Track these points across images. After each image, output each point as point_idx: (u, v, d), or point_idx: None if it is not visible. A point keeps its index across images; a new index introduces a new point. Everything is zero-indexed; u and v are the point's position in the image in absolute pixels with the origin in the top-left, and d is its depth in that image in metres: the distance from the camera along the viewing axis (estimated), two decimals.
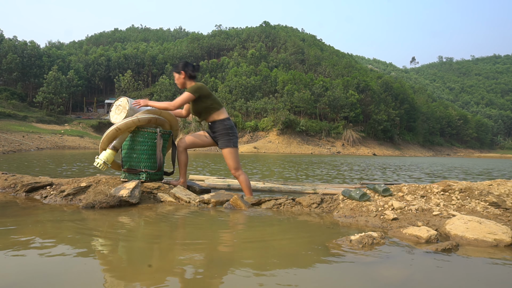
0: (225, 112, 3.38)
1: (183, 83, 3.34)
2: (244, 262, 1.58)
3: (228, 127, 3.31)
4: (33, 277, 1.35)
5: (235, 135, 3.36)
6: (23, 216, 2.33)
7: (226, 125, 3.31)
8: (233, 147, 3.31)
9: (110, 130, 3.05)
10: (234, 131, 3.37)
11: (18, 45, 50.71)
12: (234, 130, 3.37)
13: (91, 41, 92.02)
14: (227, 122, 3.33)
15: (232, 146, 3.30)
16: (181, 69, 3.31)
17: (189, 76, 3.32)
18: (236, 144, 3.36)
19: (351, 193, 2.73)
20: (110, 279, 1.34)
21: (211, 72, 61.06)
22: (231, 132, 3.31)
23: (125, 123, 3.02)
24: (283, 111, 45.16)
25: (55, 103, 45.78)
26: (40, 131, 32.67)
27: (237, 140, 3.39)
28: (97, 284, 1.29)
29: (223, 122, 3.31)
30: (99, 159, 3.01)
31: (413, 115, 63.53)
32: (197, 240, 1.97)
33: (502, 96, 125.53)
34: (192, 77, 3.34)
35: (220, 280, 1.38)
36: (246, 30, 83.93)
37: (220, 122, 3.31)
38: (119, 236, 2.01)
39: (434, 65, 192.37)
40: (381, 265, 1.59)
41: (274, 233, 2.16)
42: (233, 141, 3.32)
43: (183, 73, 3.30)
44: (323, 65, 64.00)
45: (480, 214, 2.39)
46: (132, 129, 3.12)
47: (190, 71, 3.31)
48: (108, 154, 3.03)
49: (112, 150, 3.05)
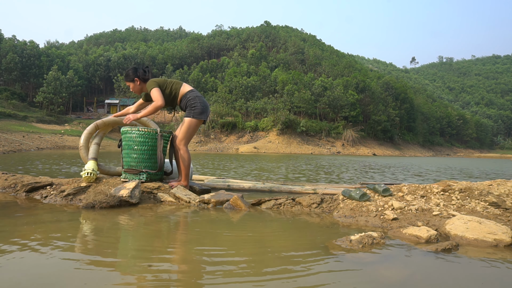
0: (187, 86, 3.37)
1: (140, 89, 3.36)
2: (243, 262, 1.58)
3: (190, 98, 3.28)
4: (33, 277, 1.35)
5: (196, 107, 3.26)
6: (23, 216, 2.33)
7: (188, 98, 3.29)
8: (192, 117, 3.25)
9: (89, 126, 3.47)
10: (197, 101, 3.27)
11: (18, 44, 50.67)
12: (196, 100, 3.27)
13: (91, 41, 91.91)
14: (189, 94, 3.30)
15: (192, 116, 3.25)
16: (134, 76, 3.31)
17: (143, 80, 3.33)
18: (197, 116, 3.25)
19: (351, 193, 2.73)
20: (110, 279, 1.34)
21: (211, 72, 61.01)
22: (193, 103, 3.26)
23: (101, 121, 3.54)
24: (283, 111, 45.11)
25: (55, 103, 45.73)
26: (40, 131, 32.65)
27: (199, 112, 3.26)
28: (97, 284, 1.29)
29: (186, 96, 3.30)
30: (88, 169, 3.07)
31: (413, 115, 63.48)
32: (196, 240, 1.97)
33: (502, 96, 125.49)
34: (146, 80, 3.35)
35: (220, 280, 1.38)
36: (246, 30, 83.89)
37: (184, 97, 3.31)
38: (119, 236, 2.01)
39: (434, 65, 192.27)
40: (381, 265, 1.59)
41: (274, 233, 2.16)
42: (194, 112, 3.26)
43: (137, 79, 3.31)
44: (323, 65, 63.97)
45: (480, 214, 2.39)
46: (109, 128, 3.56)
47: (142, 75, 3.32)
48: (93, 163, 3.15)
49: (94, 160, 3.20)
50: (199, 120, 3.28)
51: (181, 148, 3.26)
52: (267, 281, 1.37)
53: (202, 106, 3.29)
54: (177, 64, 66.69)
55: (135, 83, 3.32)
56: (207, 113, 3.36)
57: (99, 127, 3.50)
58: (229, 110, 48.29)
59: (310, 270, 1.51)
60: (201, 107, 3.28)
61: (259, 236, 2.06)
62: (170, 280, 1.36)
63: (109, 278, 1.35)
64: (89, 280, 1.32)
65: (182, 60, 68.93)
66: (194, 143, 40.68)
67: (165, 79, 3.37)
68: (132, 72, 3.31)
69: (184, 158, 3.25)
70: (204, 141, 42.99)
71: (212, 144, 42.06)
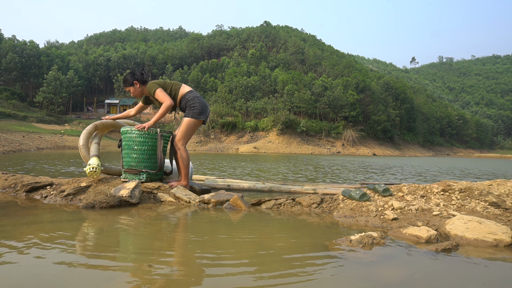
0: (186, 86, 3.38)
1: (140, 92, 3.36)
2: (243, 262, 1.58)
3: (189, 99, 3.30)
4: (33, 277, 1.35)
5: (195, 107, 3.28)
6: (23, 216, 2.33)
7: (187, 98, 3.31)
8: (191, 117, 3.28)
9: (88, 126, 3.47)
10: (196, 102, 3.30)
11: (18, 44, 50.66)
12: (195, 100, 3.30)
13: (91, 41, 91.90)
14: (189, 95, 3.32)
15: (190, 116, 3.28)
16: (133, 79, 3.31)
17: (142, 82, 3.33)
18: (196, 116, 3.28)
19: (351, 193, 2.73)
20: (110, 280, 1.34)
21: (211, 72, 61.00)
22: (192, 103, 3.28)
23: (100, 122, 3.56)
24: (283, 111, 45.11)
25: (55, 103, 45.73)
26: (40, 131, 32.64)
27: (198, 112, 3.29)
28: (97, 285, 1.29)
29: (185, 97, 3.32)
30: (92, 164, 3.06)
31: (413, 115, 63.46)
32: (196, 240, 1.97)
33: (502, 96, 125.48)
34: (145, 82, 3.35)
35: (219, 280, 1.37)
36: (247, 30, 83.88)
37: (183, 97, 3.32)
38: (119, 236, 2.01)
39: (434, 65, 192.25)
40: (381, 265, 1.59)
41: (273, 233, 2.16)
42: (193, 112, 3.28)
43: (136, 82, 3.31)
44: (323, 65, 63.97)
45: (480, 214, 2.39)
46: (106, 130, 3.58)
47: (140, 77, 3.32)
48: (96, 159, 3.14)
49: (97, 157, 3.19)
50: (198, 120, 3.29)
51: (179, 148, 3.27)
52: (267, 281, 1.37)
53: (201, 106, 3.30)
54: (177, 64, 66.69)
55: (135, 86, 3.32)
56: (206, 113, 3.36)
57: (98, 128, 3.50)
58: (229, 110, 48.28)
59: (310, 270, 1.51)
60: (200, 107, 3.29)
61: (259, 236, 2.06)
62: (170, 280, 1.36)
63: (109, 278, 1.35)
64: (89, 280, 1.32)
65: (182, 60, 68.93)
66: (194, 143, 40.68)
67: (164, 80, 3.38)
68: (130, 76, 3.32)
69: (183, 157, 3.26)
70: (204, 141, 42.99)
71: (212, 144, 42.06)
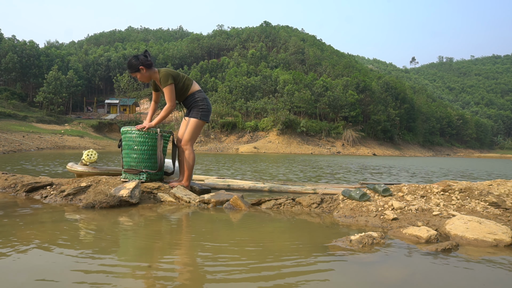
0: (197, 84, 3.37)
1: (148, 76, 3.20)
2: (243, 262, 1.58)
3: (198, 99, 3.30)
4: (32, 277, 1.35)
5: (204, 109, 3.30)
6: (23, 216, 2.33)
7: (196, 98, 3.30)
8: (199, 119, 3.29)
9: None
10: (205, 103, 3.31)
11: (17, 44, 50.65)
12: (204, 102, 3.32)
13: (91, 41, 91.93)
14: (198, 95, 3.32)
15: (199, 118, 3.29)
16: (138, 64, 3.11)
17: (148, 66, 3.15)
18: (204, 118, 3.31)
19: (351, 193, 2.73)
20: (110, 280, 1.34)
21: (211, 72, 61.01)
22: (201, 104, 3.30)
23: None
24: (283, 111, 45.13)
25: (55, 103, 45.73)
26: (40, 131, 32.64)
27: (206, 114, 3.33)
28: (97, 285, 1.29)
29: (193, 95, 3.31)
30: (88, 151, 3.45)
31: (413, 115, 63.49)
32: (196, 240, 1.97)
33: (502, 96, 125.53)
34: (150, 65, 3.17)
35: (219, 280, 1.37)
36: (247, 30, 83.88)
37: (192, 95, 3.31)
38: (119, 236, 2.01)
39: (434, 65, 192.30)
40: (381, 265, 1.59)
41: (273, 233, 2.16)
42: (201, 114, 3.30)
43: (143, 68, 3.13)
44: (323, 65, 63.97)
45: (480, 214, 2.39)
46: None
47: (145, 61, 3.13)
48: (92, 150, 3.54)
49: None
50: (204, 122, 3.34)
51: (187, 148, 3.28)
52: (267, 281, 1.37)
53: (209, 109, 3.36)
54: (177, 64, 66.71)
55: (141, 72, 3.14)
56: (210, 115, 3.43)
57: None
58: (229, 110, 48.30)
59: (310, 270, 1.51)
60: (208, 109, 3.35)
61: (259, 236, 2.06)
62: (170, 281, 1.36)
63: (109, 279, 1.35)
64: (89, 280, 1.32)
65: (182, 60, 68.96)
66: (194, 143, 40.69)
67: (178, 72, 3.29)
68: (135, 60, 3.12)
69: (190, 158, 3.27)
70: (204, 141, 43.01)
71: (212, 144, 42.07)
